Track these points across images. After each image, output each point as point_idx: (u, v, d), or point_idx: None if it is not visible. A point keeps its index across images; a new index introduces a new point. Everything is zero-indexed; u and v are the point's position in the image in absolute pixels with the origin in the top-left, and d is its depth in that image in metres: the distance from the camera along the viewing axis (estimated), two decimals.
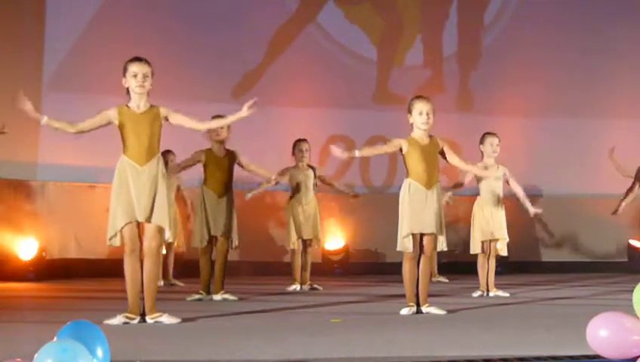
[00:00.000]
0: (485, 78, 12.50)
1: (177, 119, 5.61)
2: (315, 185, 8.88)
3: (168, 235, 5.53)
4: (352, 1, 12.41)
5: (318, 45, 12.08)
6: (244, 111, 5.65)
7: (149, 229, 5.43)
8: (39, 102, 10.79)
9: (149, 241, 5.43)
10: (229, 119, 5.93)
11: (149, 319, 5.46)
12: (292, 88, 11.64)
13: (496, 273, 8.04)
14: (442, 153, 6.26)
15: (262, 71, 11.80)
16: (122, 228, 5.38)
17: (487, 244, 7.97)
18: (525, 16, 12.74)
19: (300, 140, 8.89)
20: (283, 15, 12.04)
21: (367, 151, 6.71)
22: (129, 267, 5.42)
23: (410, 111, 6.19)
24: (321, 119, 11.59)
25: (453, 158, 6.31)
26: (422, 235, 6.15)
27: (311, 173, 8.86)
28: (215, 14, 11.48)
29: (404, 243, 6.12)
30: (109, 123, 5.52)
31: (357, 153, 6.33)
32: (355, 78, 12.14)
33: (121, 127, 5.46)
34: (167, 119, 5.56)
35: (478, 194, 8.15)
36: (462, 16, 12.73)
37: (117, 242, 5.43)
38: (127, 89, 5.49)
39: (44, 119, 5.57)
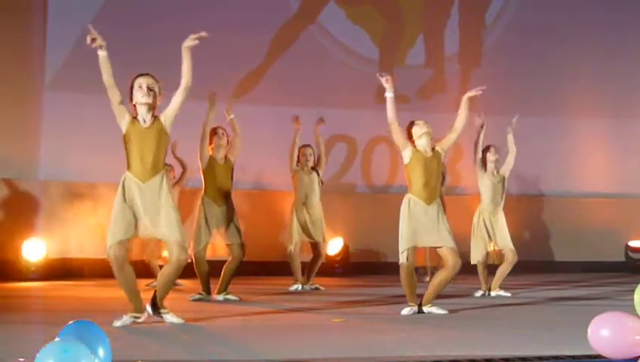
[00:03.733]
0: (487, 78, 12.47)
1: (171, 109, 5.54)
2: (321, 182, 8.93)
3: (190, 249, 5.53)
4: (354, 2, 12.40)
5: (319, 45, 12.08)
6: (190, 41, 5.70)
7: (173, 245, 5.41)
8: (40, 102, 10.81)
9: (178, 255, 5.39)
10: (188, 61, 5.78)
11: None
12: (293, 88, 11.63)
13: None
14: (444, 150, 6.35)
15: (263, 71, 11.80)
16: (115, 243, 5.36)
17: (492, 253, 8.02)
18: (526, 16, 12.74)
19: (304, 146, 8.97)
20: (284, 15, 12.03)
21: (392, 107, 6.15)
22: (120, 278, 5.39)
23: (410, 135, 6.29)
24: None
25: (449, 138, 6.36)
26: (434, 249, 6.30)
27: (315, 175, 8.92)
28: (216, 14, 11.47)
29: (402, 257, 6.17)
30: (119, 120, 5.45)
31: (390, 95, 6.16)
32: (356, 77, 12.13)
33: (126, 139, 5.44)
34: (172, 123, 5.52)
35: (477, 193, 8.17)
36: (463, 16, 12.73)
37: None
38: (135, 107, 5.49)
39: (102, 53, 5.47)
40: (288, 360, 3.95)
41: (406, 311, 6.14)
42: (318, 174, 8.94)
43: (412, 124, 6.36)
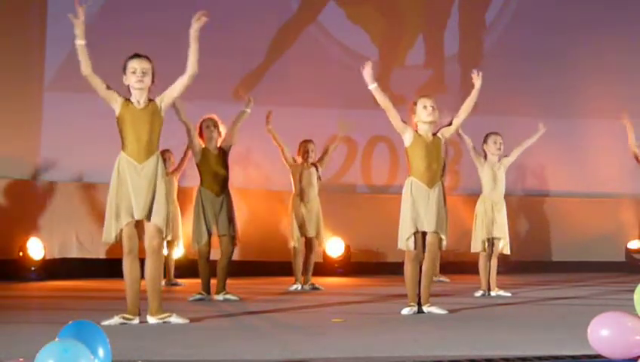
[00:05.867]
0: (487, 78, 12.41)
1: (170, 94, 5.55)
2: (319, 178, 8.93)
3: (165, 234, 5.48)
4: (354, 1, 12.39)
5: (319, 45, 12.07)
6: (196, 24, 5.95)
7: (150, 228, 5.41)
8: (40, 102, 10.81)
9: (150, 240, 5.41)
10: (196, 48, 5.97)
11: (156, 320, 5.44)
12: (293, 88, 11.62)
13: (498, 272, 8.04)
14: (445, 137, 6.31)
15: (263, 70, 11.79)
16: (121, 227, 5.36)
17: (489, 243, 7.99)
18: (526, 16, 12.73)
19: (306, 141, 8.96)
20: (284, 15, 12.03)
21: (380, 96, 6.20)
22: (127, 267, 5.40)
23: (414, 111, 6.21)
24: (321, 119, 11.56)
25: (453, 126, 6.35)
26: (424, 234, 6.16)
27: (313, 170, 8.92)
28: (216, 14, 11.40)
29: (407, 243, 6.11)
30: (110, 104, 5.48)
31: (373, 86, 6.23)
32: (355, 77, 12.09)
33: (120, 121, 5.46)
34: (168, 106, 5.56)
35: (480, 192, 8.17)
36: (463, 16, 12.72)
37: (112, 239, 5.40)
38: (128, 87, 5.51)
39: (80, 42, 5.52)
40: (288, 360, 3.95)
41: (406, 311, 6.12)
42: (317, 169, 8.93)
43: (417, 100, 6.28)
